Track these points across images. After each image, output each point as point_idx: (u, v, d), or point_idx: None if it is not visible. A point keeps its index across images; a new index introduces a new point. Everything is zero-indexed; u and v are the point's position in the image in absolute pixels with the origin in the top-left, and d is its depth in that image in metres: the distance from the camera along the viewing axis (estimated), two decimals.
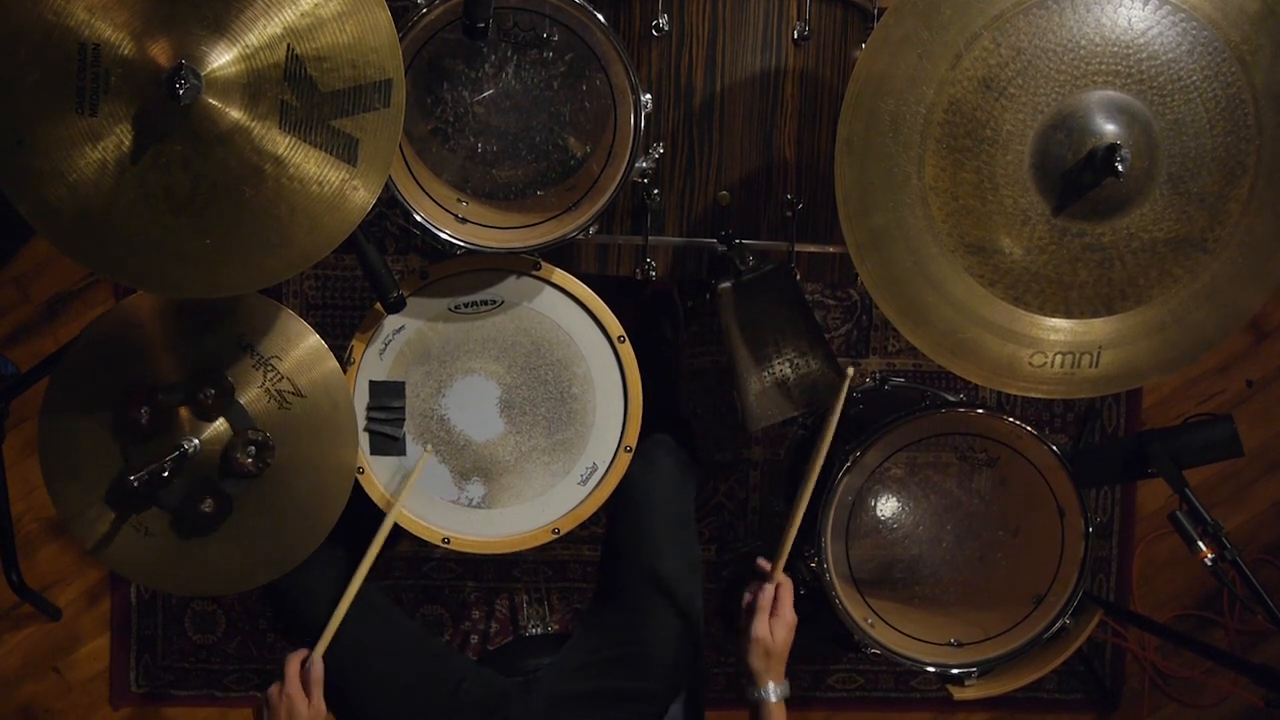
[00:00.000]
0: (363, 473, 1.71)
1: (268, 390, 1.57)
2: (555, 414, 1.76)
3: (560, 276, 1.72)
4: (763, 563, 1.65)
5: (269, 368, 1.57)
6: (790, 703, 2.57)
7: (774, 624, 1.59)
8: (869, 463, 1.96)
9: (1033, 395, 1.55)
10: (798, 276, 1.77)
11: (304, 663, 1.59)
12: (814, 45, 1.72)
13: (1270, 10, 1.38)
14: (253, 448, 1.55)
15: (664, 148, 1.71)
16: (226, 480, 1.56)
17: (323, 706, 1.58)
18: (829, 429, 1.66)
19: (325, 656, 1.62)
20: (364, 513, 1.69)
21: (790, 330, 1.77)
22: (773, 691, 1.59)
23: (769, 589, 1.61)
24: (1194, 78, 1.39)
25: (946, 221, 1.45)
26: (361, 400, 1.72)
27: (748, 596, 1.64)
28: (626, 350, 1.74)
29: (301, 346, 1.58)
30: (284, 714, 1.55)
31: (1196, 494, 1.82)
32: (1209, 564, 1.78)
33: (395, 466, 1.74)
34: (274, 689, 1.57)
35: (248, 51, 1.30)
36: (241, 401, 1.56)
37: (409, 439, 1.74)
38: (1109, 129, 1.39)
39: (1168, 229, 1.45)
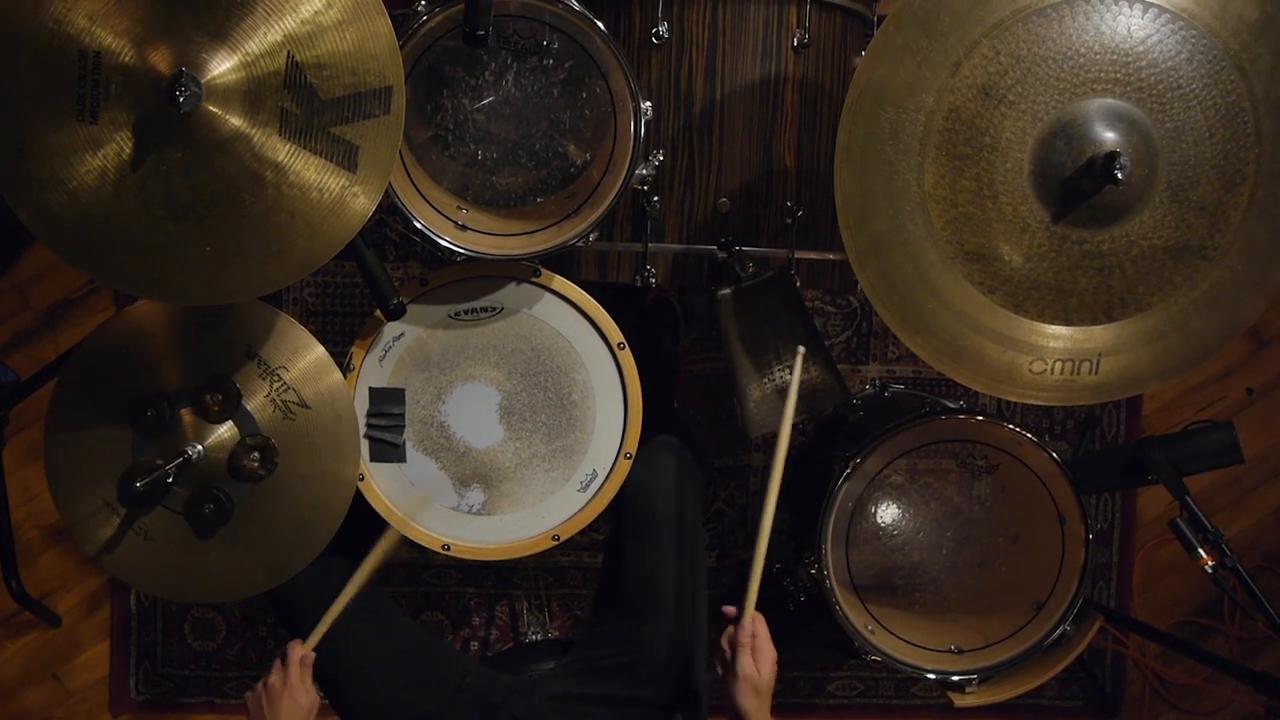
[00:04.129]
0: (363, 480, 1.71)
1: (273, 400, 1.57)
2: (555, 421, 1.76)
3: (560, 283, 1.72)
4: (728, 610, 1.64)
5: (275, 378, 1.57)
6: (791, 709, 2.58)
7: (757, 660, 1.56)
8: (869, 469, 1.96)
9: (1033, 402, 1.55)
10: (797, 283, 1.77)
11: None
12: (814, 53, 1.72)
13: (1269, 19, 1.38)
14: (257, 452, 1.56)
15: (664, 155, 1.71)
16: (230, 485, 1.56)
17: (316, 696, 1.59)
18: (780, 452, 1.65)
19: (329, 657, 1.62)
20: (365, 522, 1.69)
21: (790, 337, 1.77)
22: None
23: (747, 625, 1.59)
24: (1193, 85, 1.40)
25: (946, 229, 1.45)
26: (361, 407, 1.72)
27: (725, 643, 1.61)
28: (626, 357, 1.74)
29: (308, 358, 1.59)
30: (285, 701, 1.55)
31: (1197, 501, 1.82)
32: (1209, 571, 1.78)
33: (395, 473, 1.74)
34: (275, 677, 1.57)
35: (248, 59, 1.30)
36: (248, 408, 1.56)
37: (409, 446, 1.74)
38: (1108, 137, 1.39)
39: (1167, 237, 1.46)
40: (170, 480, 1.51)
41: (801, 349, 1.72)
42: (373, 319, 1.70)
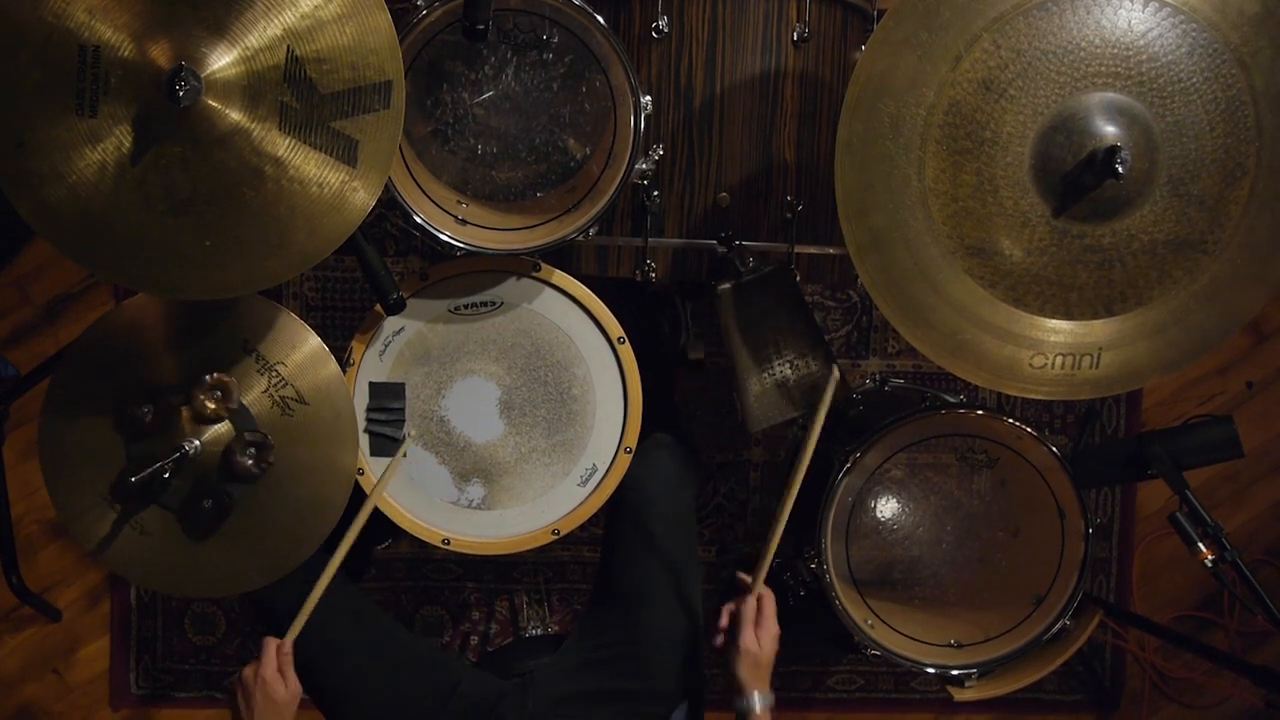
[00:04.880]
0: (363, 474, 1.71)
1: (271, 395, 1.57)
2: (555, 415, 1.76)
3: (560, 278, 1.72)
4: (743, 577, 1.67)
5: (274, 373, 1.57)
6: (790, 703, 2.59)
7: (760, 634, 1.60)
8: (869, 464, 1.96)
9: (1033, 396, 1.55)
10: (797, 278, 1.77)
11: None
12: (814, 47, 1.72)
13: (1270, 12, 1.38)
14: (252, 449, 1.55)
15: (664, 149, 1.71)
16: (226, 481, 1.56)
17: (298, 686, 1.57)
18: (812, 438, 1.67)
19: (322, 667, 1.62)
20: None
21: (790, 331, 1.77)
22: (758, 702, 1.59)
23: (751, 600, 1.62)
24: (1194, 79, 1.39)
25: (947, 223, 1.45)
26: (361, 401, 1.72)
27: (727, 612, 1.65)
28: (626, 351, 1.74)
29: (306, 353, 1.59)
30: (260, 696, 1.54)
31: (1196, 495, 1.83)
32: (1209, 565, 1.78)
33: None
34: (249, 671, 1.56)
35: (248, 53, 1.30)
36: (245, 404, 1.56)
37: (409, 440, 1.74)
38: (1109, 131, 1.39)
39: (1168, 231, 1.46)
40: (167, 476, 1.51)
41: (836, 370, 1.72)
42: (373, 314, 1.70)
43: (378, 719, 1.72)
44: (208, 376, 1.55)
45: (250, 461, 1.55)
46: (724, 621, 1.65)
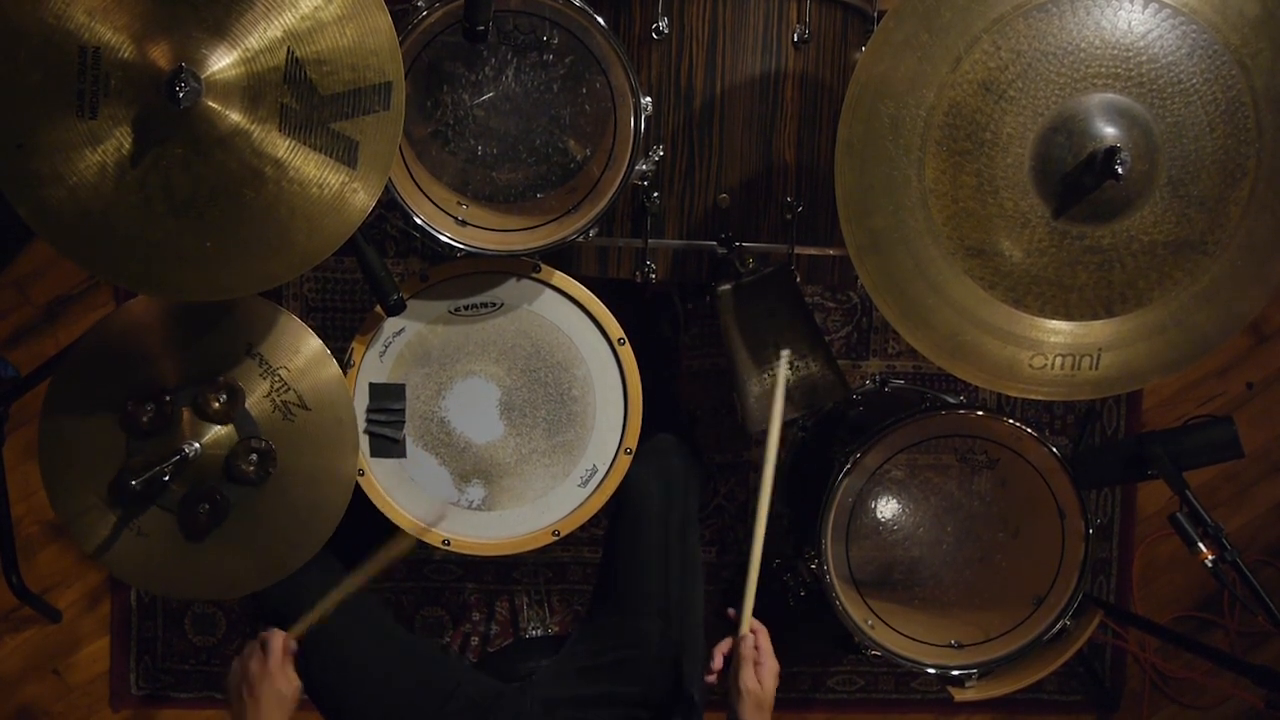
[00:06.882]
0: (363, 475, 1.71)
1: (273, 400, 1.57)
2: (555, 416, 1.76)
3: (560, 279, 1.72)
4: (731, 613, 1.64)
5: (276, 377, 1.57)
6: (790, 704, 2.59)
7: (760, 673, 1.56)
8: (869, 464, 1.96)
9: (1033, 397, 1.55)
10: (798, 279, 1.77)
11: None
12: (814, 48, 1.72)
13: (1270, 14, 1.38)
14: (255, 455, 1.55)
15: (664, 150, 1.71)
16: (226, 485, 1.56)
17: (298, 683, 1.56)
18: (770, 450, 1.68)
19: (322, 664, 1.62)
20: (362, 524, 1.68)
21: (790, 332, 1.77)
22: None
23: (749, 639, 1.59)
24: (1194, 81, 1.40)
25: (947, 224, 1.45)
26: (361, 402, 1.72)
27: (720, 653, 1.62)
28: (626, 352, 1.74)
29: (308, 356, 1.59)
30: (267, 688, 1.53)
31: (1197, 495, 1.82)
32: (1209, 565, 1.78)
33: (395, 469, 1.75)
34: (255, 664, 1.54)
35: (248, 55, 1.30)
36: (247, 408, 1.56)
37: (409, 441, 1.74)
38: (1109, 132, 1.39)
39: (1168, 232, 1.46)
40: (167, 478, 1.51)
41: (786, 352, 1.72)
42: (373, 314, 1.70)
43: (378, 717, 1.72)
44: (219, 378, 1.55)
45: (253, 469, 1.55)
46: (717, 663, 1.62)
